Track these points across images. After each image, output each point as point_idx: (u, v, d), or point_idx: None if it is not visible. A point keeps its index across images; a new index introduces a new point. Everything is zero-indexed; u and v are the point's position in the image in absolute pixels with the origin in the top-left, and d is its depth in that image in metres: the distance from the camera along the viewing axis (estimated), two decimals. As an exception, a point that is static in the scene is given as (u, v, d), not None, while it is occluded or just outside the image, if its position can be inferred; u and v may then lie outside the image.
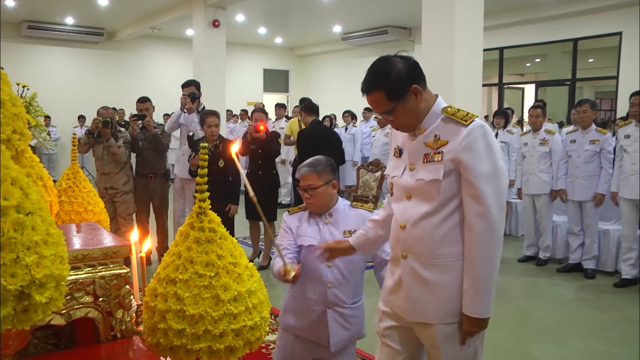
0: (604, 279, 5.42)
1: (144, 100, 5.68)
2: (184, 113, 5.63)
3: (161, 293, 1.52)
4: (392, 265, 2.03)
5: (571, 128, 6.63)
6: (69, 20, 12.99)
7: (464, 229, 1.84)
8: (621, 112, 9.39)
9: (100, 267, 1.87)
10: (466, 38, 5.35)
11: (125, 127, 5.53)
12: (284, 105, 9.89)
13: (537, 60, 13.76)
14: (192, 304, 1.47)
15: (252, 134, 5.45)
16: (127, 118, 7.07)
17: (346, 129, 9.89)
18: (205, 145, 1.65)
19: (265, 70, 17.03)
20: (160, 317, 1.50)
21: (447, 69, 5.29)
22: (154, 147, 5.56)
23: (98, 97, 12.48)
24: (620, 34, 9.92)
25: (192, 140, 5.27)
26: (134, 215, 5.57)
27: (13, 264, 1.06)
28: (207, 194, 1.60)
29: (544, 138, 5.84)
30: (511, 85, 13.51)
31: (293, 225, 2.58)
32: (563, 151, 5.68)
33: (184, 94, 5.64)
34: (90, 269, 1.85)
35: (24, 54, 13.30)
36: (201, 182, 1.59)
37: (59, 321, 1.77)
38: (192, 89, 5.68)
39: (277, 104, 9.97)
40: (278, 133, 5.93)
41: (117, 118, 7.50)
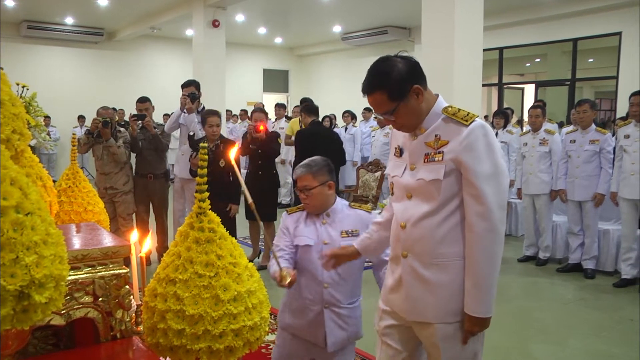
0: (603, 279, 5.42)
1: (143, 100, 5.68)
2: (184, 113, 5.63)
3: (161, 293, 1.52)
4: (392, 264, 2.04)
5: (571, 128, 6.63)
6: (69, 20, 12.99)
7: (465, 229, 1.84)
8: (621, 112, 9.39)
9: (100, 267, 1.87)
10: (466, 38, 5.35)
11: (125, 127, 5.53)
12: (283, 105, 9.89)
13: (537, 60, 13.76)
14: (191, 304, 1.47)
15: (252, 133, 5.45)
16: (126, 118, 7.07)
17: (346, 129, 9.89)
18: (205, 145, 1.65)
19: (265, 70, 17.04)
20: (160, 317, 1.50)
21: (446, 69, 5.29)
22: (154, 147, 5.56)
23: (98, 97, 12.47)
24: (619, 34, 9.93)
25: (193, 140, 5.27)
26: (134, 215, 5.57)
27: (12, 264, 1.06)
28: (207, 194, 1.60)
29: (544, 138, 5.84)
30: (511, 85, 13.51)
31: (290, 226, 2.58)
32: (563, 151, 5.68)
33: (183, 94, 5.64)
34: (90, 269, 1.85)
35: (24, 54, 13.29)
36: (201, 182, 1.59)
37: (58, 321, 1.77)
38: (191, 89, 5.68)
39: (276, 104, 9.97)
40: (278, 133, 5.93)
41: (117, 118, 7.50)
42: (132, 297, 1.89)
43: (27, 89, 2.40)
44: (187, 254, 1.53)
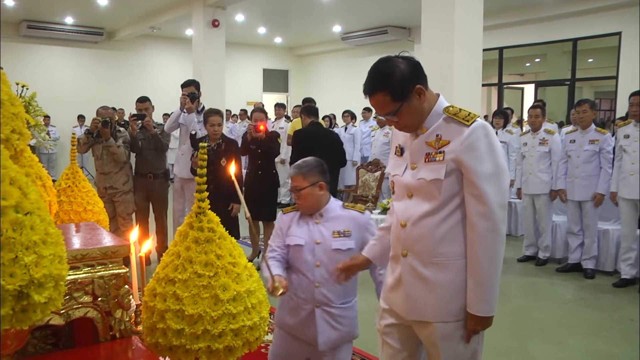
0: (603, 279, 5.42)
1: (143, 100, 5.68)
2: (184, 113, 5.63)
3: (160, 293, 1.51)
4: (392, 263, 2.04)
5: (571, 128, 6.63)
6: (69, 19, 12.99)
7: (467, 229, 1.85)
8: (620, 112, 9.39)
9: (99, 267, 1.87)
10: (466, 38, 5.35)
11: (124, 127, 5.53)
12: (283, 105, 9.89)
13: (537, 60, 13.76)
14: (191, 304, 1.47)
15: (252, 133, 5.45)
16: (126, 118, 7.07)
17: (346, 128, 9.88)
18: (205, 145, 1.65)
19: (264, 70, 17.04)
20: (159, 317, 1.50)
21: (446, 69, 5.29)
22: (154, 146, 5.56)
23: (97, 96, 12.47)
24: (619, 34, 9.93)
25: (195, 139, 5.28)
26: (134, 215, 5.57)
27: (12, 263, 1.06)
28: (207, 193, 1.60)
29: (544, 138, 5.84)
30: (511, 85, 13.51)
31: (284, 225, 2.60)
32: (562, 151, 5.68)
33: (183, 94, 5.64)
34: (89, 268, 1.85)
35: (24, 54, 13.29)
36: (200, 182, 1.59)
37: (57, 321, 1.76)
38: (191, 89, 5.68)
39: (276, 103, 9.97)
40: (277, 133, 5.93)
41: (117, 118, 7.49)
42: (131, 296, 1.89)
43: (27, 89, 2.40)
44: (186, 253, 1.52)
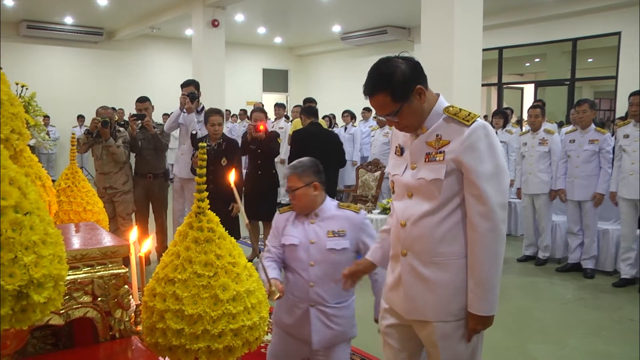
0: (603, 279, 5.42)
1: (143, 100, 5.68)
2: (183, 113, 5.63)
3: (160, 293, 1.51)
4: (392, 263, 2.05)
5: (570, 128, 6.63)
6: (68, 19, 12.99)
7: (467, 229, 1.85)
8: (620, 112, 9.39)
9: (99, 267, 1.87)
10: (465, 38, 5.35)
11: (124, 127, 5.53)
12: (283, 105, 9.88)
13: (537, 60, 13.76)
14: (190, 304, 1.47)
15: (252, 133, 5.46)
16: (126, 118, 7.06)
17: (345, 128, 9.88)
18: (204, 145, 1.64)
19: (264, 70, 17.04)
20: (159, 317, 1.50)
21: (446, 69, 5.29)
22: (153, 146, 5.56)
23: (97, 96, 12.48)
24: (619, 34, 9.93)
25: (195, 139, 5.28)
26: (133, 215, 5.56)
27: (11, 263, 1.06)
28: (206, 193, 1.60)
29: (543, 138, 5.84)
30: (510, 85, 13.52)
31: (280, 225, 2.63)
32: (562, 151, 5.68)
33: (183, 94, 5.64)
34: (89, 268, 1.85)
35: (23, 54, 13.29)
36: (200, 181, 1.59)
37: (57, 321, 1.77)
38: (191, 89, 5.68)
39: (276, 103, 9.96)
40: (277, 133, 5.93)
41: (117, 118, 7.49)
42: (131, 296, 1.89)
43: (27, 89, 2.40)
44: (186, 253, 1.52)
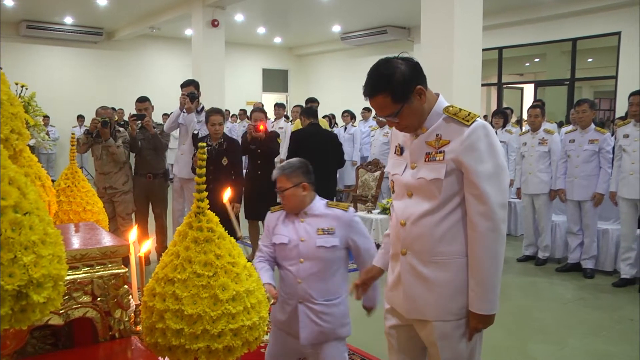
0: (602, 279, 5.42)
1: (143, 100, 5.68)
2: (183, 113, 5.63)
3: (159, 293, 1.51)
4: (392, 262, 2.05)
5: (570, 128, 6.63)
6: (68, 19, 12.99)
7: (468, 228, 1.86)
8: (620, 111, 9.39)
9: (99, 267, 1.87)
10: (465, 38, 5.35)
11: (124, 127, 5.53)
12: (283, 105, 9.88)
13: (536, 60, 13.77)
14: (190, 304, 1.47)
15: (252, 133, 5.46)
16: (126, 118, 7.06)
17: (345, 128, 9.89)
18: (204, 145, 1.64)
19: (264, 70, 17.04)
20: (159, 317, 1.50)
21: (446, 69, 5.29)
22: (153, 147, 5.56)
23: (97, 96, 12.49)
24: (619, 33, 9.93)
25: (197, 138, 5.29)
26: (133, 215, 5.56)
27: (11, 263, 1.06)
28: (206, 193, 1.59)
29: (543, 138, 5.84)
30: (510, 85, 13.52)
31: (271, 224, 2.69)
32: (562, 151, 5.68)
33: (183, 94, 5.64)
34: (89, 268, 1.85)
35: (23, 54, 13.29)
36: (200, 181, 1.59)
37: (57, 321, 1.76)
38: (191, 89, 5.68)
39: (276, 103, 9.96)
40: (277, 133, 5.92)
41: (116, 118, 7.49)
42: (130, 296, 1.89)
43: (26, 89, 2.40)
44: (185, 253, 1.52)
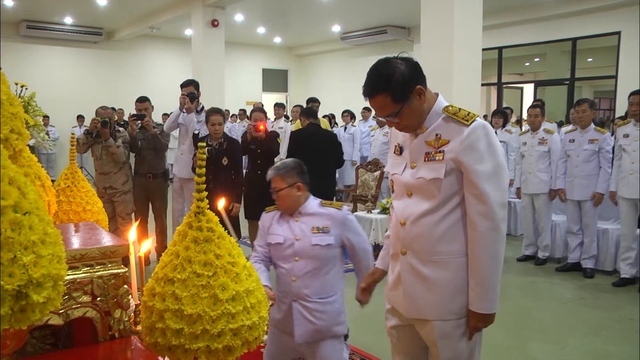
0: (602, 278, 5.42)
1: (143, 100, 5.68)
2: (183, 113, 5.63)
3: (159, 292, 1.51)
4: (392, 262, 2.06)
5: (570, 127, 6.63)
6: (68, 19, 12.99)
7: (468, 228, 1.86)
8: (620, 111, 9.39)
9: (99, 267, 1.87)
10: (465, 37, 5.35)
11: (124, 127, 5.53)
12: (283, 105, 9.89)
13: (536, 59, 13.77)
14: (190, 304, 1.47)
15: (252, 133, 5.46)
16: (126, 118, 7.06)
17: (345, 128, 9.89)
18: (203, 145, 1.64)
19: (264, 70, 17.04)
20: (158, 317, 1.50)
21: (446, 69, 5.30)
22: (153, 146, 5.56)
23: (97, 96, 12.49)
24: (619, 33, 9.93)
25: (197, 138, 5.30)
26: (133, 215, 5.56)
27: (10, 263, 1.06)
28: (205, 193, 1.59)
29: (543, 137, 5.84)
30: (510, 84, 13.52)
31: (266, 224, 2.71)
32: (562, 150, 5.69)
33: (182, 94, 5.64)
34: (88, 268, 1.85)
35: (23, 54, 13.29)
36: (200, 181, 1.59)
37: (56, 321, 1.76)
38: (191, 89, 5.68)
39: (276, 103, 9.96)
40: (277, 133, 5.93)
41: (116, 118, 7.49)
42: (130, 296, 1.89)
43: (26, 89, 2.40)
44: (185, 253, 1.52)
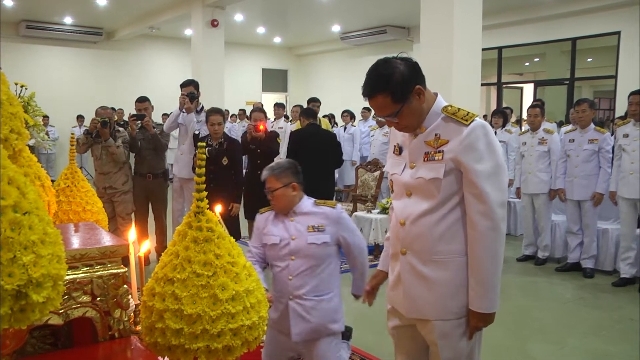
0: (602, 278, 5.42)
1: (142, 100, 5.68)
2: (183, 113, 5.63)
3: (159, 292, 1.51)
4: (392, 262, 2.06)
5: (570, 127, 6.63)
6: (68, 19, 12.99)
7: (467, 227, 1.86)
8: (620, 111, 9.39)
9: (98, 267, 1.87)
10: (465, 37, 5.35)
11: (124, 127, 5.53)
12: (282, 105, 9.88)
13: (536, 59, 13.77)
14: (189, 304, 1.47)
15: (252, 133, 5.47)
16: (126, 118, 7.05)
17: (345, 128, 9.89)
18: (203, 145, 1.64)
19: (263, 70, 17.03)
20: (158, 317, 1.50)
21: (445, 69, 5.29)
22: (153, 146, 5.56)
23: (97, 96, 12.48)
24: (618, 33, 9.93)
25: (197, 138, 5.30)
26: (133, 215, 5.56)
27: (10, 263, 1.06)
28: (205, 193, 1.59)
29: (543, 137, 5.84)
30: (510, 84, 13.52)
31: (261, 225, 2.73)
32: (562, 150, 5.69)
33: (182, 94, 5.64)
34: (88, 268, 1.85)
35: (23, 54, 13.28)
36: (199, 181, 1.59)
37: (56, 321, 1.76)
38: (190, 89, 5.68)
39: (275, 103, 9.96)
40: (277, 133, 5.93)
41: (116, 118, 7.48)
42: (130, 296, 1.89)
43: (26, 89, 2.40)
44: (185, 253, 1.52)
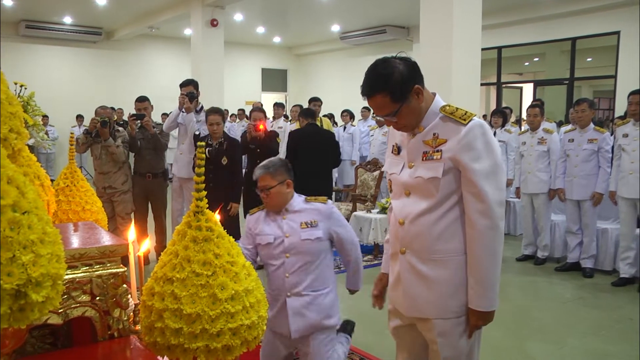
0: (602, 278, 5.42)
1: (142, 100, 5.68)
2: (182, 112, 5.63)
3: (158, 292, 1.51)
4: (392, 262, 2.07)
5: (569, 127, 6.63)
6: (67, 19, 12.99)
7: (466, 226, 1.86)
8: (619, 111, 9.40)
9: (98, 266, 1.87)
10: (464, 37, 5.35)
11: (123, 127, 5.53)
12: (282, 105, 9.88)
13: (536, 59, 13.77)
14: (189, 303, 1.47)
15: (252, 133, 5.47)
16: (125, 117, 7.05)
17: (344, 128, 9.89)
18: (203, 144, 1.64)
19: (263, 70, 17.03)
20: (158, 316, 1.50)
21: (445, 68, 5.29)
22: (153, 146, 5.56)
23: (96, 96, 12.48)
24: (618, 33, 9.94)
25: (197, 138, 5.30)
26: (132, 214, 5.56)
27: (9, 262, 1.06)
28: (205, 192, 1.59)
29: (542, 137, 5.85)
30: (509, 84, 13.52)
31: (252, 226, 2.75)
32: (561, 150, 5.69)
33: (182, 94, 5.64)
34: (88, 268, 1.85)
35: (22, 54, 13.28)
36: (199, 180, 1.59)
37: (56, 320, 1.76)
38: (190, 89, 5.68)
39: (275, 103, 9.96)
40: (277, 132, 5.93)
41: (116, 117, 7.48)
42: (129, 296, 1.89)
43: (25, 88, 2.40)
44: (184, 252, 1.52)
